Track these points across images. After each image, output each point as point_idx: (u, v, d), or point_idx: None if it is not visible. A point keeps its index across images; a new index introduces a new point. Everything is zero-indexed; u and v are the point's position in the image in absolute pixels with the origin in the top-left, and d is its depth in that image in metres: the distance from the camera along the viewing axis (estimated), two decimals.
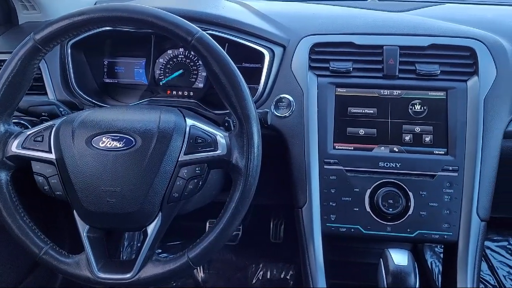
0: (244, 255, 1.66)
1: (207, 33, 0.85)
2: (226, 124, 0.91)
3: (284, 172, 1.09)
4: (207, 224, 1.61)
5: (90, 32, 1.12)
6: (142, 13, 0.80)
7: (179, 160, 0.81)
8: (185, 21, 0.81)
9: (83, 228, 0.84)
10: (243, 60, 1.16)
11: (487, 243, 1.72)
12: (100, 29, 1.12)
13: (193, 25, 0.81)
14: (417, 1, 1.36)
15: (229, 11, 1.16)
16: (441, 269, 1.33)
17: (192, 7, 1.13)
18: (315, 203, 1.02)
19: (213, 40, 0.81)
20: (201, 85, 1.19)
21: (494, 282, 1.62)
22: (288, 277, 1.61)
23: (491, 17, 1.23)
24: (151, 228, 0.83)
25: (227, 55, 0.81)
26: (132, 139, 0.81)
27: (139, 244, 1.40)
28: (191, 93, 1.19)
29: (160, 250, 1.71)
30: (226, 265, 1.66)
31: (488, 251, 1.70)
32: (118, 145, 0.81)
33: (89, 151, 0.81)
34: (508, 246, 1.72)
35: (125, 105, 1.16)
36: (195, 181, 0.83)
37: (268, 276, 1.62)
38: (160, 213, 0.82)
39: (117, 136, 0.81)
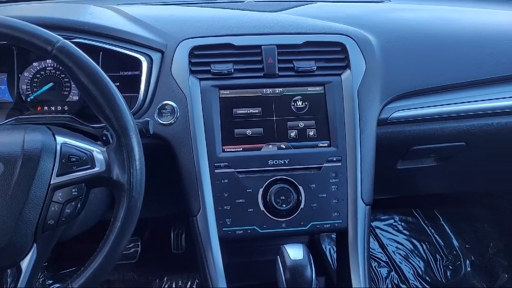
0: (146, 271, 1.59)
1: (74, 41, 0.79)
2: (104, 138, 0.84)
3: (176, 180, 1.05)
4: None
5: None
6: None
7: (51, 183, 0.73)
8: (43, 29, 0.73)
9: None
10: (120, 68, 1.10)
11: (376, 223, 1.85)
12: None
13: (53, 34, 0.74)
14: (291, 0, 1.41)
15: (98, 17, 1.09)
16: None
17: (54, 15, 1.03)
18: (209, 209, 1.00)
19: (78, 49, 0.75)
20: (75, 98, 1.10)
21: (386, 259, 1.76)
22: (194, 286, 1.57)
23: (358, 13, 1.32)
24: (25, 263, 0.74)
25: (95, 64, 0.75)
26: None
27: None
28: (65, 108, 1.09)
29: (51, 281, 1.57)
30: (128, 284, 1.57)
31: (378, 231, 1.83)
32: None
33: None
34: (394, 224, 1.88)
35: None
36: (73, 203, 0.76)
37: None
38: (35, 245, 0.74)
39: None
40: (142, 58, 1.05)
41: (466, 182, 1.54)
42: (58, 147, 0.76)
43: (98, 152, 0.77)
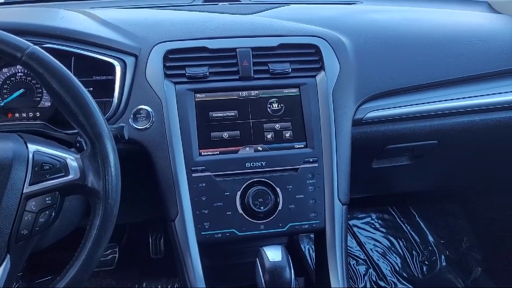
0: (124, 277, 1.57)
1: (44, 47, 0.77)
2: (78, 144, 0.83)
3: (153, 185, 1.04)
4: None
5: None
6: None
7: (23, 192, 0.72)
8: (11, 35, 0.72)
9: None
10: (94, 73, 1.08)
11: (354, 221, 1.87)
12: None
13: (22, 40, 0.73)
14: (265, 3, 1.42)
15: (69, 22, 1.07)
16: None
17: (23, 20, 1.01)
18: (187, 214, 0.99)
19: (48, 55, 0.73)
20: (48, 104, 1.08)
21: (364, 256, 1.78)
22: None
23: (331, 15, 1.34)
24: None
25: (66, 70, 0.74)
26: None
27: None
28: (37, 114, 1.07)
29: None
30: None
31: (355, 229, 1.86)
32: None
33: None
34: (371, 222, 1.91)
35: None
36: (47, 212, 0.74)
37: None
38: (8, 256, 0.72)
39: None
40: (115, 62, 1.03)
41: (439, 179, 1.58)
42: (30, 155, 0.74)
43: (72, 159, 0.76)
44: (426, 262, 1.81)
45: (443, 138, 1.24)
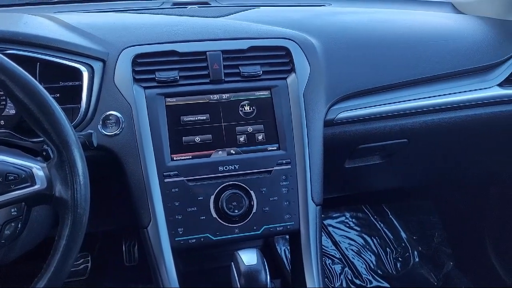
0: (97, 287, 1.53)
1: (7, 53, 0.75)
2: (44, 153, 0.81)
3: (124, 192, 1.02)
4: None
5: None
6: None
7: None
8: None
9: None
10: (60, 79, 1.05)
11: (328, 221, 1.89)
12: None
13: None
14: (234, 5, 1.41)
15: (33, 27, 1.04)
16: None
17: None
18: (161, 220, 0.98)
19: (10, 61, 0.71)
20: (12, 112, 1.04)
21: (339, 255, 1.80)
22: None
23: (300, 17, 1.34)
24: None
25: (30, 76, 0.72)
26: None
27: None
28: (1, 122, 1.03)
29: None
30: None
31: (330, 228, 1.87)
32: None
33: None
34: (345, 220, 1.93)
35: None
36: (13, 224, 0.72)
37: None
38: None
39: None
40: (82, 68, 1.01)
41: (410, 176, 1.61)
42: None
43: (38, 169, 0.74)
44: (400, 259, 1.85)
45: (413, 137, 1.27)
